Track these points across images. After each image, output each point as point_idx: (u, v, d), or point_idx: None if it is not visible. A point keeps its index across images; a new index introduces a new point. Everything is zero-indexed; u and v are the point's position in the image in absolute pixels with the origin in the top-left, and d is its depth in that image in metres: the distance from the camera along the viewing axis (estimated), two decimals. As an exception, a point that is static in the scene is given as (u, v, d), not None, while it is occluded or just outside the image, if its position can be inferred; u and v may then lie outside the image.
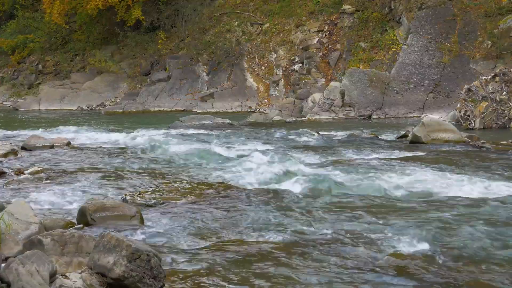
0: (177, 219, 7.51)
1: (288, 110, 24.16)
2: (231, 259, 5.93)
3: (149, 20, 33.28)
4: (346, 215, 7.65)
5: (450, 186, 9.31)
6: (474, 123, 18.67)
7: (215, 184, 9.88)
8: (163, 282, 4.86)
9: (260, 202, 8.37)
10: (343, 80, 24.24)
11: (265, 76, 29.47)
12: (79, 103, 31.70)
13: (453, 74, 23.77)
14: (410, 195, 8.85)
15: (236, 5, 32.80)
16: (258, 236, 6.80)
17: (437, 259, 5.95)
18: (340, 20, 29.02)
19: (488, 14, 24.51)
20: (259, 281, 5.38)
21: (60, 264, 5.00)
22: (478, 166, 11.26)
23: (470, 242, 6.38)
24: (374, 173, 10.47)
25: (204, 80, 30.62)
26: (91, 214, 7.06)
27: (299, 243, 6.49)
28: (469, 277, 5.49)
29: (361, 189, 9.26)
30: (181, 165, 12.09)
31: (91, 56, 35.25)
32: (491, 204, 8.10)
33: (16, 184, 9.79)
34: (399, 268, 5.71)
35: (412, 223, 7.18)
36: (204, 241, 6.61)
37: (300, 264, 5.83)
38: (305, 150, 13.99)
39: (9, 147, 13.50)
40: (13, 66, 37.49)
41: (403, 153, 13.20)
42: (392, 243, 6.43)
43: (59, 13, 33.67)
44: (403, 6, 26.56)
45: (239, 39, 31.17)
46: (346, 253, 6.14)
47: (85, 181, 10.18)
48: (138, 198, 8.77)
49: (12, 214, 5.92)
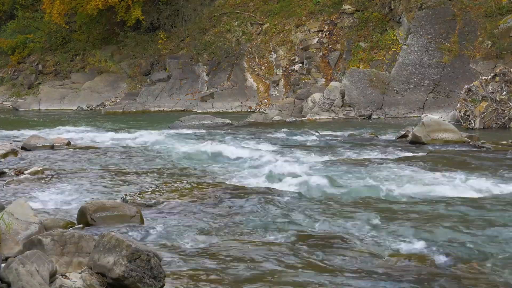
0: (177, 219, 7.52)
1: (288, 110, 24.14)
2: (231, 259, 5.93)
3: (149, 20, 33.28)
4: (346, 215, 7.65)
5: (450, 186, 9.31)
6: (474, 123, 18.67)
7: (215, 184, 9.88)
8: (163, 282, 4.86)
9: (260, 202, 8.37)
10: (343, 80, 24.24)
11: (265, 76, 29.47)
12: (79, 103, 31.70)
13: (453, 74, 23.76)
14: (410, 195, 8.85)
15: (236, 5, 32.79)
16: (258, 236, 6.81)
17: (437, 259, 5.96)
18: (340, 20, 29.01)
19: (488, 14, 24.49)
20: (259, 281, 5.38)
21: (60, 264, 5.00)
22: (478, 166, 11.26)
23: (470, 242, 6.38)
24: (374, 173, 10.47)
25: (204, 80, 30.62)
26: (91, 214, 7.06)
27: (299, 243, 6.50)
28: (469, 277, 5.49)
29: (361, 189, 9.26)
30: (181, 165, 12.09)
31: (91, 56, 35.25)
32: (491, 204, 8.10)
33: (16, 184, 9.79)
34: (399, 268, 5.71)
35: (412, 223, 7.18)
36: (204, 241, 6.61)
37: (300, 264, 5.83)
38: (305, 150, 13.98)
39: (9, 147, 13.51)
40: (13, 66, 37.48)
41: (403, 153, 13.20)
42: (392, 243, 6.43)
43: (59, 13, 33.68)
44: (403, 6, 26.55)
45: (239, 39, 31.16)
46: (346, 253, 6.14)
47: (85, 181, 10.18)
48: (138, 198, 8.77)
49: (12, 214, 5.91)
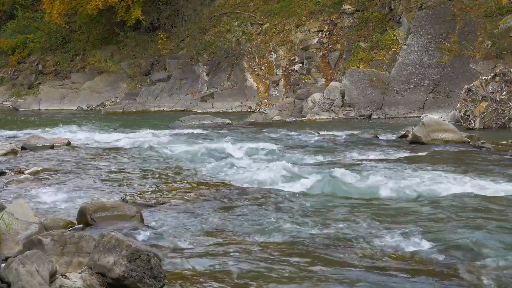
0: (177, 219, 7.52)
1: (288, 110, 24.13)
2: (231, 259, 5.94)
3: (149, 20, 33.28)
4: (346, 215, 7.65)
5: (450, 186, 9.30)
6: (474, 123, 18.66)
7: (215, 184, 9.88)
8: (163, 282, 4.86)
9: (260, 202, 8.38)
10: (343, 80, 24.24)
11: (265, 76, 29.46)
12: (79, 103, 31.69)
13: (453, 74, 23.75)
14: (410, 195, 8.85)
15: (236, 5, 32.79)
16: (258, 236, 6.80)
17: (437, 259, 5.96)
18: (340, 20, 29.01)
19: (488, 14, 24.48)
20: (259, 281, 5.38)
21: (60, 264, 5.00)
22: (478, 166, 11.26)
23: (470, 241, 6.38)
24: (374, 173, 10.47)
25: (204, 80, 30.61)
26: (91, 214, 7.06)
27: (299, 243, 6.50)
28: (469, 277, 5.49)
29: (361, 189, 9.26)
30: (181, 165, 12.09)
31: (91, 56, 35.25)
32: (491, 204, 8.10)
33: (16, 184, 9.79)
34: (399, 268, 5.71)
35: (412, 223, 7.18)
36: (204, 241, 6.61)
37: (300, 264, 5.83)
38: (305, 150, 13.99)
39: (9, 147, 13.52)
40: (13, 66, 37.47)
41: (403, 153, 13.20)
42: (392, 243, 6.43)
43: (59, 13, 33.68)
44: (403, 6, 26.55)
45: (239, 39, 31.16)
46: (346, 253, 6.14)
47: (85, 181, 10.18)
48: (138, 198, 8.78)
49: (12, 214, 5.91)
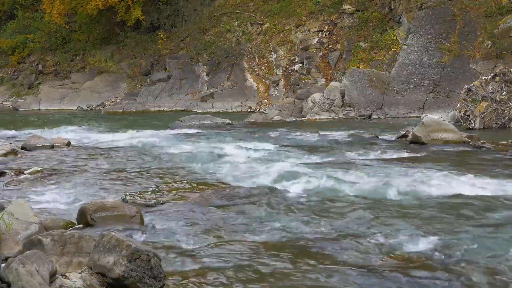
0: (177, 219, 7.51)
1: (288, 110, 24.13)
2: (231, 259, 5.94)
3: (149, 20, 33.29)
4: (346, 215, 7.65)
5: (450, 186, 9.30)
6: (474, 123, 18.66)
7: (215, 184, 9.88)
8: (163, 282, 4.86)
9: (260, 202, 8.37)
10: (343, 80, 24.23)
11: (265, 76, 29.46)
12: (79, 103, 31.71)
13: (453, 74, 23.75)
14: (410, 195, 8.84)
15: (236, 5, 32.80)
16: (258, 236, 6.80)
17: (437, 259, 5.96)
18: (340, 20, 29.01)
19: (488, 14, 24.48)
20: (259, 281, 5.38)
21: (60, 264, 5.00)
22: (478, 166, 11.25)
23: (470, 241, 6.38)
24: (374, 173, 10.47)
25: (204, 80, 30.62)
26: (91, 214, 7.06)
27: (299, 243, 6.50)
28: (470, 276, 5.49)
29: (361, 189, 9.25)
30: (181, 165, 12.08)
31: (91, 56, 35.26)
32: (491, 204, 8.10)
33: (16, 184, 9.79)
34: (398, 268, 5.71)
35: (412, 223, 7.18)
36: (204, 241, 6.61)
37: (300, 264, 5.83)
38: (305, 150, 13.98)
39: (9, 147, 13.52)
40: (13, 66, 37.49)
41: (403, 153, 13.19)
42: (392, 243, 6.43)
43: (59, 13, 33.70)
44: (403, 6, 26.55)
45: (239, 39, 31.16)
46: (346, 253, 6.14)
47: (85, 181, 10.18)
48: (138, 198, 8.77)
49: (12, 214, 5.92)
